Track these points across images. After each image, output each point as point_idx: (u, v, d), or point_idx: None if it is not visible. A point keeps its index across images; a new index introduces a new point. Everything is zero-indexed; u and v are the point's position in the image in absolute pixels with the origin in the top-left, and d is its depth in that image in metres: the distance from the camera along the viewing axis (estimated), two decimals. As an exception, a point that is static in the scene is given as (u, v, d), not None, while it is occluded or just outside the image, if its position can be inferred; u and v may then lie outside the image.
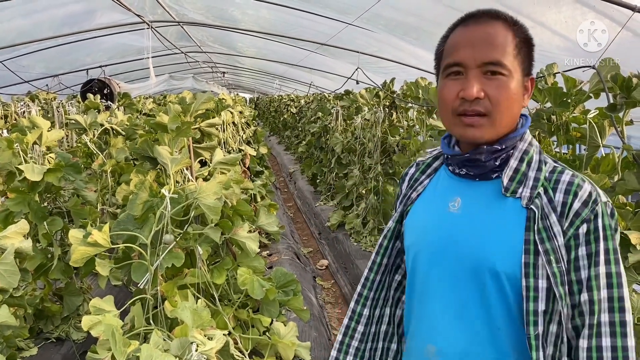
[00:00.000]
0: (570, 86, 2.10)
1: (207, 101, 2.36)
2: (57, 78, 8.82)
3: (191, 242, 1.81)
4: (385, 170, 5.21)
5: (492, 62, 1.01)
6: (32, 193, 2.32)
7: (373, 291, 1.28)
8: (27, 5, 5.68)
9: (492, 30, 1.02)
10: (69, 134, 5.37)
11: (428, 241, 1.14)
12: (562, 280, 0.98)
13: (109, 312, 1.58)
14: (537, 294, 0.98)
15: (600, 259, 0.97)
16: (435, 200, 1.16)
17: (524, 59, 1.05)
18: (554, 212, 1.00)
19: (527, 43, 1.05)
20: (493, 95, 1.01)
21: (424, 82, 3.87)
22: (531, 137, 1.10)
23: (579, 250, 0.98)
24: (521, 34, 1.04)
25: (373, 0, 4.80)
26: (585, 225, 0.98)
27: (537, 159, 1.07)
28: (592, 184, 1.01)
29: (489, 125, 1.03)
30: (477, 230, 1.06)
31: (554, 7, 3.51)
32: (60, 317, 2.79)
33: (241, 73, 16.84)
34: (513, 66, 1.02)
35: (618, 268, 0.97)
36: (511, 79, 1.02)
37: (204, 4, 7.19)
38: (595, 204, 0.98)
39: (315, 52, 8.67)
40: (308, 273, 4.87)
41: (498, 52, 1.01)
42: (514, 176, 1.05)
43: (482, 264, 1.03)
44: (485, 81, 1.02)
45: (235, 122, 4.75)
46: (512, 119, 1.05)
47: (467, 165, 1.10)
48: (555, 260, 0.98)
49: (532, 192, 1.03)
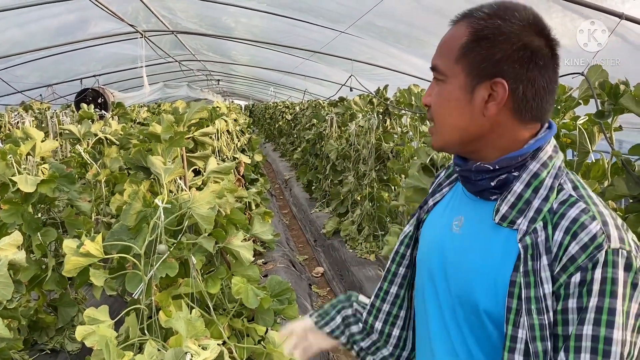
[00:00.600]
0: (560, 93, 2.12)
1: (201, 110, 2.37)
2: (51, 88, 8.82)
3: (185, 252, 1.81)
4: (380, 176, 5.23)
5: (431, 67, 0.96)
6: (26, 204, 2.32)
7: (386, 303, 1.16)
8: (20, 16, 5.69)
9: (448, 34, 0.94)
10: (63, 144, 5.37)
11: (429, 259, 1.05)
12: (543, 335, 0.82)
13: (103, 323, 1.58)
14: (515, 345, 0.84)
15: (587, 317, 0.79)
16: (445, 215, 1.06)
17: (475, 60, 0.88)
18: (548, 253, 0.84)
19: (482, 40, 0.87)
20: (433, 103, 0.96)
21: (416, 89, 3.90)
22: (550, 155, 0.92)
23: (569, 301, 0.81)
24: (477, 32, 0.88)
25: (364, 10, 4.84)
26: (579, 274, 0.80)
27: (548, 184, 0.89)
28: (604, 224, 0.82)
29: (436, 134, 0.97)
30: (469, 260, 0.94)
31: (545, 14, 3.54)
32: (54, 328, 2.78)
33: (236, 80, 16.87)
34: (452, 71, 0.91)
35: (610, 332, 0.77)
36: (448, 84, 0.92)
37: (197, 12, 7.22)
38: (597, 249, 0.80)
39: (309, 60, 8.72)
40: (304, 281, 4.87)
41: (437, 56, 0.95)
42: (515, 203, 0.89)
43: (467, 298, 0.93)
44: (434, 87, 0.96)
45: (229, 130, 4.76)
46: (459, 128, 0.92)
47: (462, 181, 1.01)
48: (536, 311, 0.83)
49: (529, 225, 0.87)
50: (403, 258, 1.15)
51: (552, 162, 0.91)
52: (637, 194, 1.68)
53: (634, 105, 1.68)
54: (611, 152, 1.80)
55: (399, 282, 1.15)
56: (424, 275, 1.07)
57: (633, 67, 3.48)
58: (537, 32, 0.88)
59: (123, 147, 3.24)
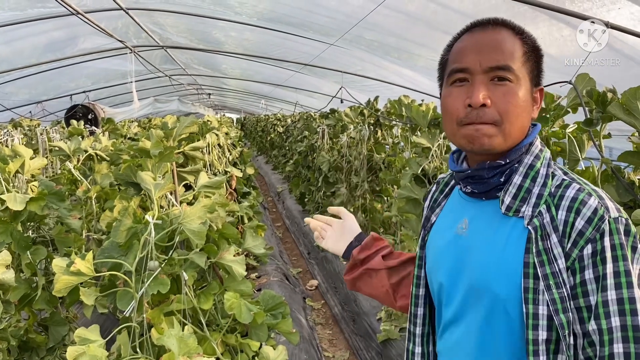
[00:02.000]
0: (548, 101, 2.14)
1: (191, 125, 2.36)
2: (40, 104, 8.79)
3: (176, 268, 1.79)
4: (372, 187, 5.23)
5: (499, 66, 0.95)
6: (15, 222, 2.29)
7: (420, 327, 1.18)
8: (7, 33, 5.68)
9: (499, 37, 0.97)
10: (53, 161, 5.33)
11: (441, 267, 1.09)
12: (565, 307, 0.88)
13: (95, 342, 1.56)
14: (538, 322, 0.90)
15: (608, 283, 0.85)
16: (448, 222, 1.11)
17: (533, 67, 0.99)
18: (556, 232, 0.91)
19: (536, 51, 1.00)
20: (501, 103, 0.95)
21: (406, 99, 3.91)
22: (540, 148, 1.02)
23: (586, 273, 0.88)
24: (529, 42, 0.99)
25: (353, 22, 4.88)
26: (590, 245, 0.88)
27: (543, 173, 0.98)
28: (601, 198, 0.91)
29: (498, 134, 0.96)
30: (481, 254, 0.99)
31: (531, 23, 3.59)
32: (45, 348, 2.73)
33: (227, 94, 16.91)
34: (521, 73, 0.96)
35: (632, 292, 0.84)
36: (519, 86, 0.96)
37: (187, 27, 7.24)
38: (601, 221, 0.88)
39: (300, 72, 8.75)
40: (297, 294, 4.84)
41: (505, 56, 0.95)
42: (517, 194, 0.97)
43: (486, 289, 0.97)
44: (492, 88, 0.95)
45: (220, 143, 4.75)
46: (521, 130, 0.98)
47: (470, 182, 1.04)
48: (555, 286, 0.89)
49: (534, 210, 0.95)
50: (421, 279, 1.19)
51: (542, 154, 1.01)
52: (628, 201, 1.69)
53: (622, 113, 1.69)
54: (601, 160, 1.81)
55: (422, 303, 1.19)
56: (438, 283, 1.11)
57: (620, 74, 3.52)
58: None
59: (113, 163, 3.22)
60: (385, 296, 1.33)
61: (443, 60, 1.07)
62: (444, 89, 1.06)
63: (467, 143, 0.99)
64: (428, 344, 1.19)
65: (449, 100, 1.02)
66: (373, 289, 1.35)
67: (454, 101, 1.00)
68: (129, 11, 5.89)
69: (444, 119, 1.04)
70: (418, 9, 4.49)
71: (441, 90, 1.08)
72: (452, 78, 1.02)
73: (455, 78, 1.01)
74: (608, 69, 3.29)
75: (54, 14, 5.46)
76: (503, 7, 3.52)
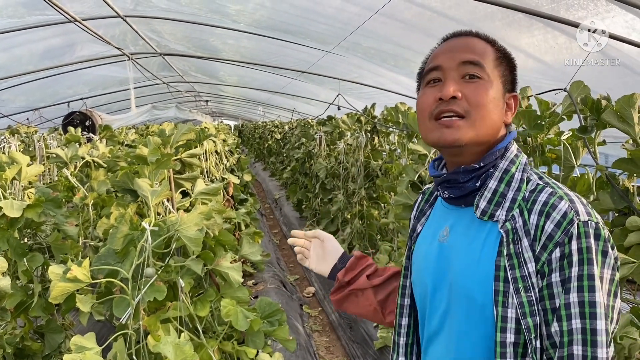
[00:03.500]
0: (543, 109, 2.15)
1: (188, 132, 2.36)
2: (38, 111, 8.79)
3: (173, 275, 1.79)
4: (369, 194, 5.23)
5: (470, 61, 0.99)
6: (12, 229, 2.29)
7: (404, 337, 1.19)
8: (5, 40, 5.69)
9: (470, 41, 1.03)
10: (50, 168, 5.33)
11: (426, 276, 1.10)
12: (532, 311, 0.89)
13: (91, 350, 1.55)
14: (506, 325, 0.91)
15: (571, 286, 0.86)
16: (432, 231, 1.13)
17: (504, 72, 1.02)
18: (527, 235, 0.92)
19: (507, 58, 1.04)
20: (471, 96, 0.97)
21: (403, 106, 3.93)
22: (515, 154, 1.03)
23: (553, 276, 0.88)
24: (501, 49, 1.04)
25: (350, 30, 4.90)
26: (558, 249, 0.88)
27: (518, 178, 0.99)
28: (572, 202, 0.91)
29: (468, 127, 0.97)
30: (460, 260, 1.01)
31: (526, 31, 3.62)
32: (41, 356, 2.72)
33: (224, 101, 16.94)
34: (493, 74, 1.00)
35: (593, 297, 0.85)
36: (490, 84, 0.99)
37: (184, 35, 7.26)
38: (570, 224, 0.88)
39: (297, 79, 8.78)
40: (295, 301, 4.83)
41: (477, 54, 1.00)
42: (492, 198, 0.98)
43: (465, 295, 0.99)
44: (463, 84, 0.99)
45: (218, 150, 4.76)
46: (492, 128, 1.00)
47: (447, 187, 1.05)
48: (524, 289, 0.90)
49: (508, 214, 0.96)
50: (404, 289, 1.20)
51: (518, 159, 1.03)
52: (622, 208, 1.70)
53: (616, 120, 1.70)
54: (596, 167, 1.82)
55: (406, 313, 1.19)
56: (421, 293, 1.12)
57: (614, 82, 3.55)
58: None
59: (111, 170, 3.22)
60: (374, 314, 1.34)
61: (420, 70, 1.11)
62: (419, 92, 1.09)
63: (439, 137, 1.00)
64: (412, 354, 1.19)
65: (422, 99, 1.04)
66: (360, 308, 1.36)
67: (427, 98, 1.03)
68: (127, 19, 5.91)
69: (419, 119, 1.06)
70: (414, 17, 4.52)
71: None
72: (426, 79, 1.05)
73: (429, 79, 1.04)
74: (602, 77, 3.31)
75: (52, 22, 5.47)
76: (499, 14, 3.55)
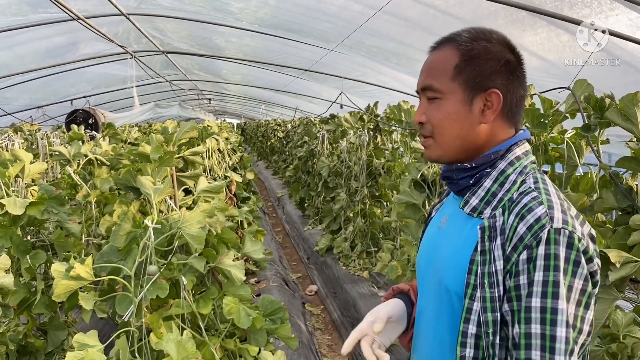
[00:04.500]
0: (547, 107, 2.14)
1: (190, 130, 2.36)
2: (41, 109, 8.81)
3: (175, 273, 1.79)
4: (372, 192, 5.23)
5: (425, 87, 1.07)
6: (15, 227, 2.30)
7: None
8: (9, 38, 5.70)
9: (435, 57, 1.07)
10: (53, 166, 5.34)
11: (421, 259, 1.21)
12: (493, 307, 0.93)
13: (93, 347, 1.56)
14: (470, 316, 0.96)
15: (534, 290, 0.88)
16: (438, 217, 1.21)
17: (470, 76, 1.02)
18: (502, 235, 0.95)
19: (474, 59, 1.02)
20: (431, 118, 1.06)
21: (406, 105, 3.92)
22: (518, 156, 1.04)
23: (519, 278, 0.90)
24: (466, 51, 1.02)
25: (353, 28, 4.90)
26: (526, 251, 0.90)
27: (512, 179, 1.02)
28: (550, 208, 0.92)
29: (434, 146, 1.07)
30: (445, 248, 1.08)
31: (530, 29, 3.60)
32: (44, 353, 2.72)
33: (227, 99, 16.94)
34: (450, 88, 1.03)
35: (555, 303, 0.86)
36: (447, 100, 1.04)
37: (187, 33, 7.27)
38: (541, 229, 0.89)
39: (300, 78, 8.78)
40: (297, 299, 4.83)
41: (431, 77, 1.06)
42: (484, 197, 1.03)
43: (441, 282, 1.06)
44: (428, 106, 1.07)
45: (220, 148, 4.76)
46: (459, 138, 1.04)
47: (446, 182, 1.14)
48: (489, 285, 0.94)
49: (492, 212, 1.00)
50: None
51: (519, 162, 1.04)
52: (625, 207, 1.69)
53: (620, 119, 1.69)
54: (599, 165, 1.81)
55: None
56: (417, 273, 1.22)
57: (618, 80, 3.53)
58: (511, 50, 1.04)
59: (113, 167, 3.22)
60: None
61: None
62: None
63: (425, 155, 1.14)
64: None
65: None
66: None
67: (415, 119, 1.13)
68: (130, 17, 5.91)
69: None
70: (417, 15, 4.51)
71: None
72: None
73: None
74: (606, 75, 3.30)
75: (56, 20, 5.48)
76: (502, 13, 3.54)
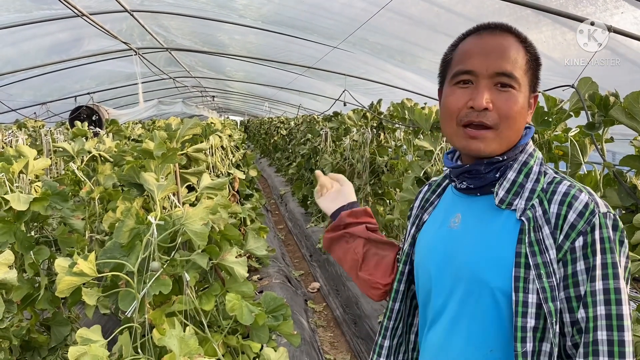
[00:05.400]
0: (551, 105, 2.13)
1: (194, 127, 2.37)
2: (45, 106, 8.83)
3: (178, 269, 1.80)
4: (375, 190, 5.22)
5: (505, 73, 0.99)
6: (18, 222, 2.30)
7: (393, 321, 1.26)
8: (13, 35, 5.71)
9: (506, 43, 1.02)
10: (57, 162, 5.35)
11: (431, 259, 1.14)
12: (553, 296, 0.93)
13: (96, 342, 1.56)
14: (527, 309, 0.94)
15: (597, 274, 0.90)
16: (440, 219, 1.17)
17: (532, 76, 1.04)
18: (548, 224, 0.96)
19: (536, 61, 1.05)
20: (502, 108, 0.99)
21: (409, 103, 3.91)
22: (533, 148, 1.08)
23: (577, 264, 0.92)
24: (532, 51, 1.04)
25: (357, 25, 4.88)
26: (581, 237, 0.92)
27: (536, 170, 1.04)
28: (591, 195, 0.96)
29: (494, 139, 1.01)
30: (473, 245, 1.04)
31: (534, 27, 3.59)
32: (47, 348, 2.73)
33: (231, 96, 16.94)
34: (523, 81, 1.01)
35: (617, 283, 0.89)
36: (520, 93, 1.01)
37: (191, 30, 7.26)
38: (592, 215, 0.93)
39: (304, 75, 8.77)
40: (299, 296, 4.84)
41: (510, 64, 1.00)
42: (510, 188, 1.03)
43: (477, 279, 1.01)
44: (495, 93, 1.00)
45: (224, 145, 4.76)
46: (517, 134, 1.04)
47: (467, 177, 1.08)
48: (545, 275, 0.94)
49: (527, 203, 1.00)
50: (402, 275, 1.25)
51: (536, 154, 1.07)
52: (629, 205, 1.69)
53: (624, 117, 1.69)
54: (603, 164, 1.81)
55: (399, 298, 1.25)
56: (426, 275, 1.16)
57: (623, 78, 3.52)
58: None
59: (117, 164, 3.23)
60: (353, 264, 1.37)
61: (447, 58, 1.10)
62: (446, 87, 1.08)
63: (465, 145, 1.04)
64: (394, 337, 1.26)
65: (451, 99, 1.05)
66: (345, 254, 1.39)
67: (456, 101, 1.04)
68: (134, 13, 5.92)
69: (444, 117, 1.07)
70: (421, 12, 4.49)
71: (441, 87, 1.12)
72: (456, 79, 1.05)
73: (459, 79, 1.04)
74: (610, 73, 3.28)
75: (59, 16, 5.49)
76: (506, 10, 3.52)
